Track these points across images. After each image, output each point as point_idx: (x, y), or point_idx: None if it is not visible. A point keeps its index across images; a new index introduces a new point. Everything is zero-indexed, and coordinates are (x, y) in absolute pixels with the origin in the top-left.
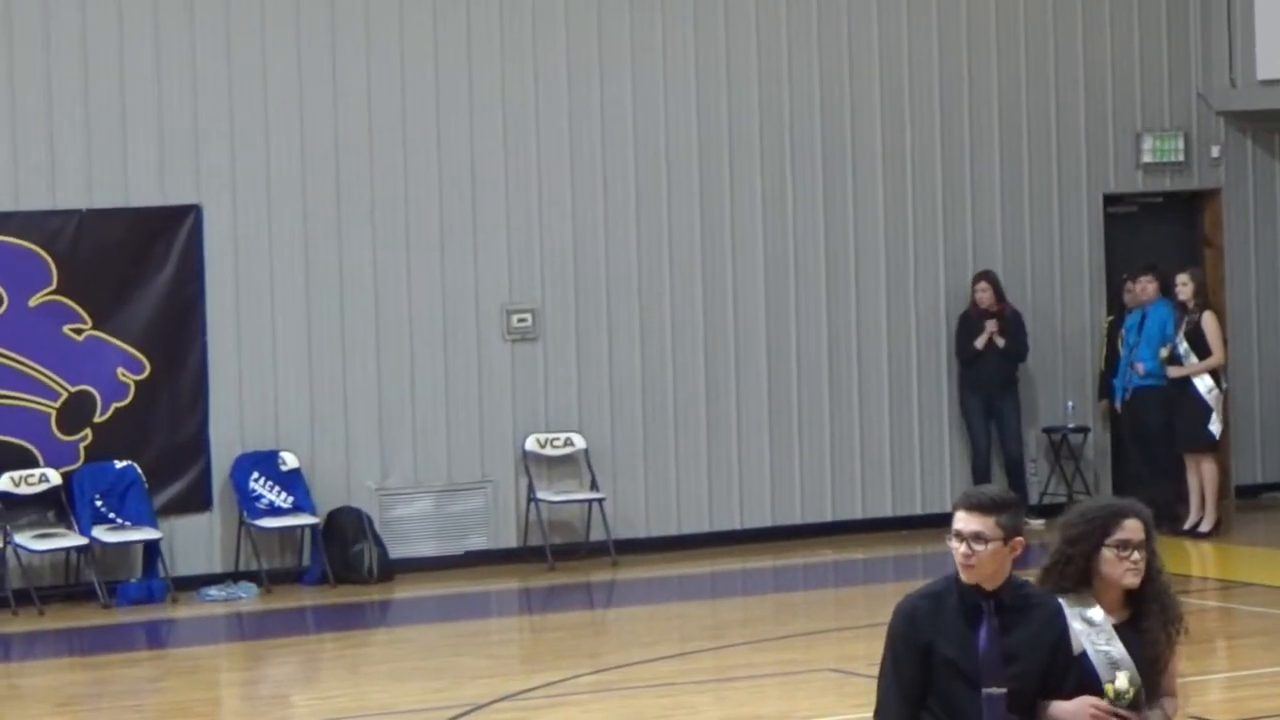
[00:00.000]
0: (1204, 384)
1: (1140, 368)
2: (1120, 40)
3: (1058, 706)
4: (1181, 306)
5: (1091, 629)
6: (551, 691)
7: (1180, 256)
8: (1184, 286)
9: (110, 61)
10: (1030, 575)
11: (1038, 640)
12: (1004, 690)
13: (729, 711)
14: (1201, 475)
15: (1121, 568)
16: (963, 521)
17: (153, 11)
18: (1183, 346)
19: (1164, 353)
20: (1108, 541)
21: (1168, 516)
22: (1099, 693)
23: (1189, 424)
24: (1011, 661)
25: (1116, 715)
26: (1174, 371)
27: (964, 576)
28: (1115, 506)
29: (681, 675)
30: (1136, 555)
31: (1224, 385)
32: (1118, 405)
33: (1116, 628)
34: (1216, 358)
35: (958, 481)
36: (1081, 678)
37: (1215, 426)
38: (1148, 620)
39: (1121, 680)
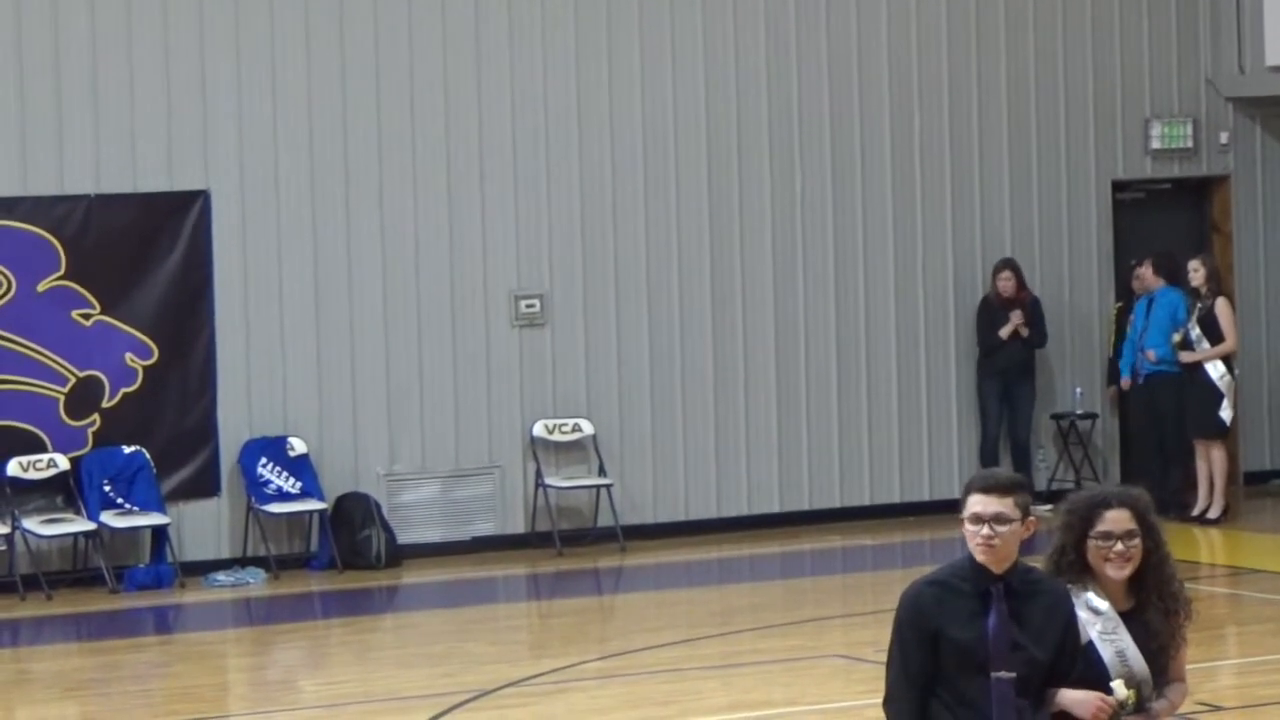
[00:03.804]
0: (1216, 370)
1: (1152, 355)
2: (1129, 26)
3: (1066, 694)
4: (1194, 293)
5: (1097, 618)
6: (559, 677)
7: (1189, 243)
8: (1195, 272)
9: (119, 46)
10: (1035, 563)
11: (1046, 624)
12: (1013, 675)
13: (736, 697)
14: (1211, 461)
15: (1104, 560)
16: (982, 504)
17: None
18: (1195, 332)
19: (1176, 338)
20: (1090, 533)
21: (1176, 503)
22: (1107, 683)
23: (1200, 410)
24: (1020, 646)
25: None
26: (1186, 357)
27: (983, 559)
28: (1098, 497)
29: (689, 661)
30: (1120, 546)
31: (1235, 372)
32: (1124, 383)
33: (1122, 615)
34: (1229, 344)
35: (965, 467)
36: (1088, 668)
37: (1226, 413)
38: (1148, 610)
39: (1120, 689)
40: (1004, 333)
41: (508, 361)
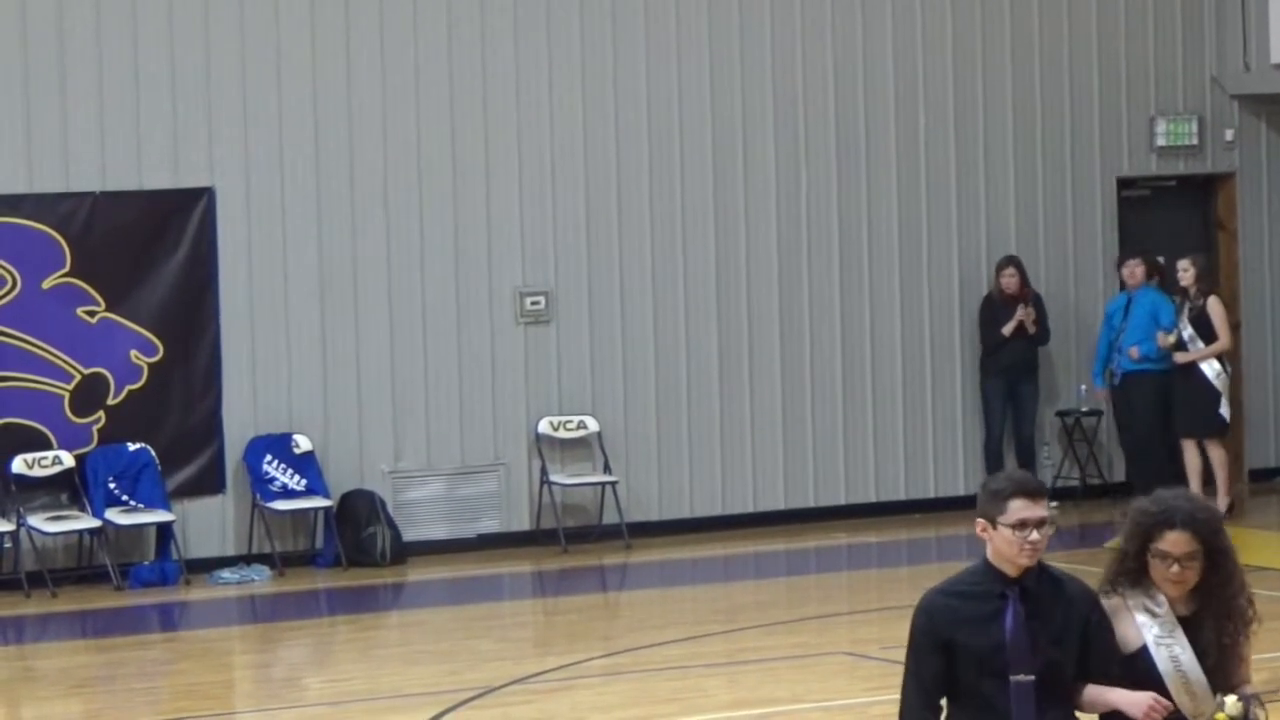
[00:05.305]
0: (1211, 369)
1: (1135, 352)
2: (1134, 24)
3: (1118, 694)
4: (1183, 293)
5: (1154, 620)
6: (564, 674)
7: (1193, 240)
8: (1185, 273)
9: (124, 43)
10: (1061, 560)
11: (1067, 621)
12: (1031, 678)
13: (741, 695)
14: (1213, 460)
15: (1161, 576)
16: (1028, 509)
17: None
18: (1188, 332)
19: (1171, 339)
20: (1151, 548)
21: None
22: (1160, 688)
23: (1198, 409)
24: (1040, 647)
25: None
26: (1181, 357)
27: (1026, 563)
28: (1164, 515)
29: (694, 658)
30: (1176, 568)
31: (1228, 369)
32: (1099, 388)
33: (1181, 620)
34: (1224, 342)
35: (971, 465)
36: (1143, 673)
37: (1225, 410)
38: (1204, 623)
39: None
40: (1007, 329)
41: (513, 358)
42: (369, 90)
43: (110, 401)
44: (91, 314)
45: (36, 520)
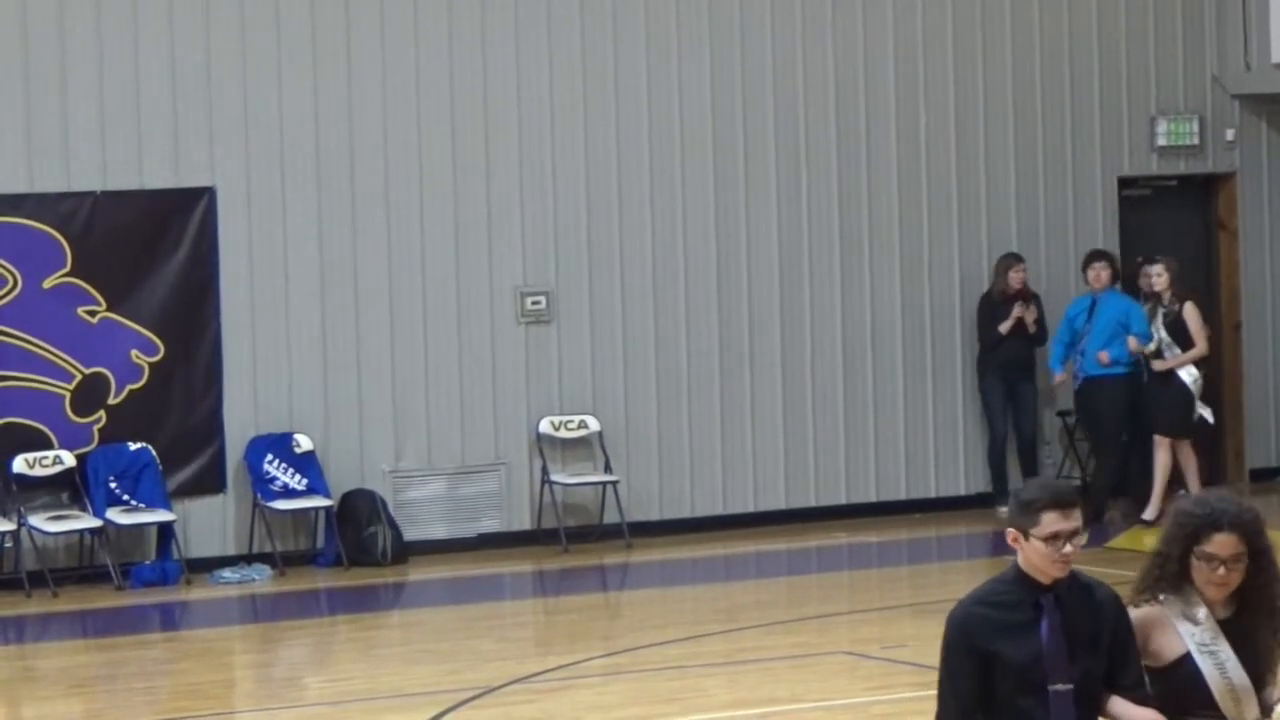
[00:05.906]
0: (1189, 374)
1: (1105, 356)
2: (1135, 23)
3: (1129, 710)
4: (1155, 297)
5: (1196, 628)
6: (564, 674)
7: (1194, 240)
8: (1159, 277)
9: (124, 42)
10: (1090, 567)
11: (1098, 627)
12: (1070, 686)
13: (741, 694)
14: (1163, 462)
15: (1204, 579)
16: (1061, 521)
17: None
18: (1165, 339)
19: (1150, 347)
20: (1196, 551)
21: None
22: (1206, 696)
23: (1173, 412)
24: (1077, 655)
25: None
26: (1159, 365)
27: (1059, 575)
28: (1210, 517)
29: (694, 658)
30: (1223, 571)
31: (1202, 373)
32: (1058, 373)
33: (1220, 623)
34: (1201, 347)
35: (972, 465)
36: (1184, 681)
37: (1207, 412)
38: (1243, 631)
39: None
40: (1004, 327)
41: (513, 358)
42: (369, 90)
43: (111, 401)
44: (92, 314)
45: (37, 520)
